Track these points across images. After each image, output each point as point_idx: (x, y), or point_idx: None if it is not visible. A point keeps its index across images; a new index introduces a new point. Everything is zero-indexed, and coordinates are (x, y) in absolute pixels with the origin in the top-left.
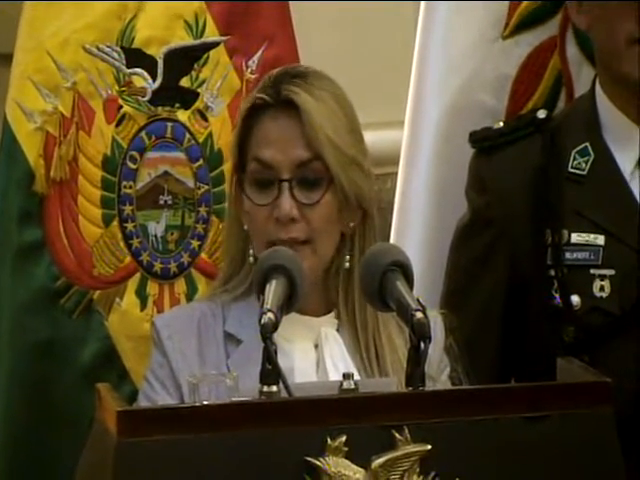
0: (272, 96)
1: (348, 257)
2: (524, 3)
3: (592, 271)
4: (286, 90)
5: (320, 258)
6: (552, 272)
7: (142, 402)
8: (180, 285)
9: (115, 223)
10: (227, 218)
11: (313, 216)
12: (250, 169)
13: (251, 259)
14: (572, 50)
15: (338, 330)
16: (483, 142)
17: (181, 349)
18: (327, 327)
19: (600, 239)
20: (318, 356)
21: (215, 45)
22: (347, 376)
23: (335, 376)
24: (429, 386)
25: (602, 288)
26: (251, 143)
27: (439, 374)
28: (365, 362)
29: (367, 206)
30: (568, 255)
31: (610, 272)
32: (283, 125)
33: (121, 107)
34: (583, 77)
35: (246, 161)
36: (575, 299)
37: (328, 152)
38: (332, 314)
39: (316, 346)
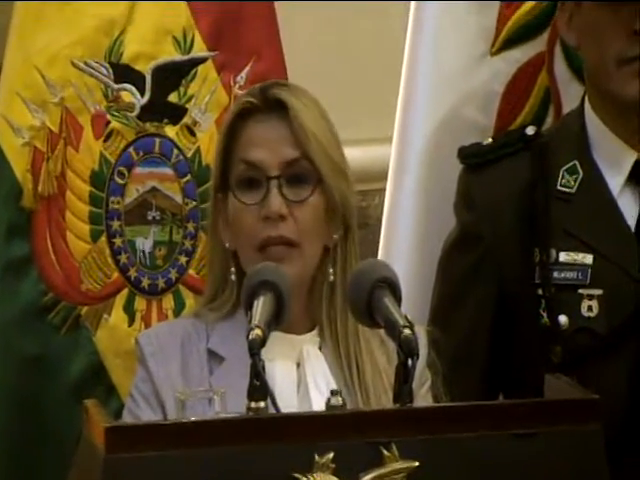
0: (259, 99)
1: (332, 270)
2: (512, 19)
3: (580, 291)
4: (274, 93)
5: (306, 263)
6: (540, 291)
7: (126, 418)
8: (168, 301)
9: (103, 239)
10: (209, 238)
11: (301, 215)
12: (237, 172)
13: (232, 277)
14: (560, 66)
15: (320, 348)
16: (472, 158)
17: (164, 366)
18: (309, 345)
19: (588, 258)
20: (300, 375)
21: (203, 61)
22: (334, 393)
23: (316, 394)
24: None
25: (590, 308)
26: (237, 147)
27: (419, 387)
28: (347, 377)
29: (350, 218)
30: (556, 274)
31: (598, 292)
32: (270, 126)
33: (109, 122)
34: (571, 93)
35: (231, 166)
36: (563, 319)
37: (316, 151)
38: (314, 332)
39: (298, 365)
